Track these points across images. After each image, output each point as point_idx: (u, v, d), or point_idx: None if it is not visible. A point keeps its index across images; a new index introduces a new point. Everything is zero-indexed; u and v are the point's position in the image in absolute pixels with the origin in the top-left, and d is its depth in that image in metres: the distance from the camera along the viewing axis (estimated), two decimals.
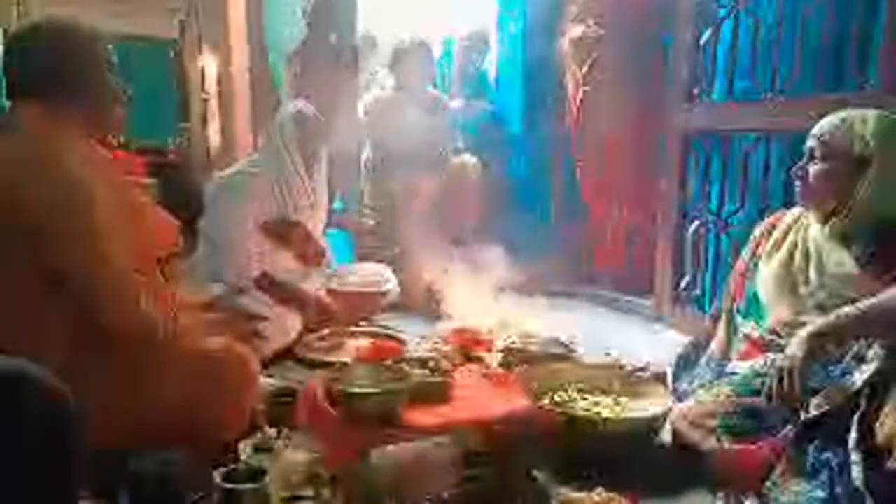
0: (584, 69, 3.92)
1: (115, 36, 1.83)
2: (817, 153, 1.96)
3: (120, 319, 1.63)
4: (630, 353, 2.82)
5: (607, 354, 2.88)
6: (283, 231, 3.05)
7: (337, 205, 4.92)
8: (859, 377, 1.67)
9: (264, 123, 4.58)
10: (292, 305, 2.89)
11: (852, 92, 2.58)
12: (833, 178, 1.92)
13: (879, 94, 2.44)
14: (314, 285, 3.07)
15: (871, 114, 1.90)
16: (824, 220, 1.97)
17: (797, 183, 2.03)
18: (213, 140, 5.78)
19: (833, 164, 1.92)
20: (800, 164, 2.02)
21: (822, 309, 1.83)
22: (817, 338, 1.69)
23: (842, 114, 1.94)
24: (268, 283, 2.85)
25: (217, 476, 1.52)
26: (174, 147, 6.57)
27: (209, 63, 5.62)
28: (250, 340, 2.06)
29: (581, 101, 3.97)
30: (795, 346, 1.69)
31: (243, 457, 1.85)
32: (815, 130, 1.97)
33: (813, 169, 1.97)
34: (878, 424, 1.57)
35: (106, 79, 1.73)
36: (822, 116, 1.99)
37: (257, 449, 1.91)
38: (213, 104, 5.58)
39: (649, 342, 3.18)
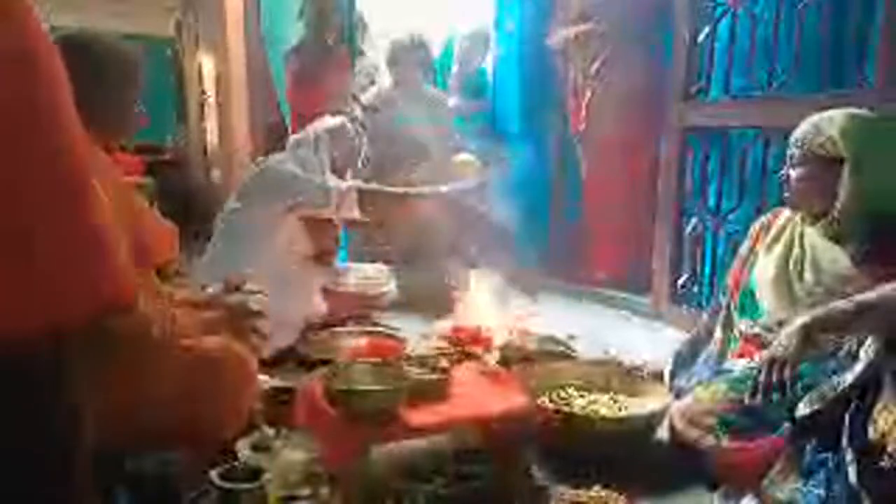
0: (593, 69, 3.91)
1: (113, 34, 1.85)
2: (795, 158, 1.97)
3: (117, 319, 1.63)
4: (629, 352, 2.82)
5: (606, 353, 2.89)
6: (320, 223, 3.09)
7: None
8: (851, 375, 1.67)
9: (260, 125, 4.59)
10: None
11: (849, 90, 2.58)
12: (813, 181, 1.93)
13: (876, 92, 2.45)
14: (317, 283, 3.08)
15: (839, 114, 1.91)
16: (814, 222, 1.98)
17: (784, 188, 2.04)
18: (211, 138, 5.80)
19: (811, 167, 1.93)
20: (783, 169, 2.03)
21: (817, 307, 1.83)
22: (809, 328, 1.68)
23: (814, 117, 1.95)
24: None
25: (214, 475, 1.52)
26: (172, 145, 6.60)
27: (206, 61, 5.63)
28: (248, 338, 2.06)
29: (588, 101, 3.96)
30: (786, 337, 1.69)
31: (241, 456, 1.85)
32: (793, 136, 1.99)
33: (793, 173, 1.98)
34: (870, 422, 1.58)
35: (130, 96, 1.79)
36: (819, 114, 1.98)
37: (255, 448, 1.91)
38: (211, 102, 5.60)
39: (648, 340, 3.18)
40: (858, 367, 1.67)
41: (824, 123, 1.90)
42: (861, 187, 1.85)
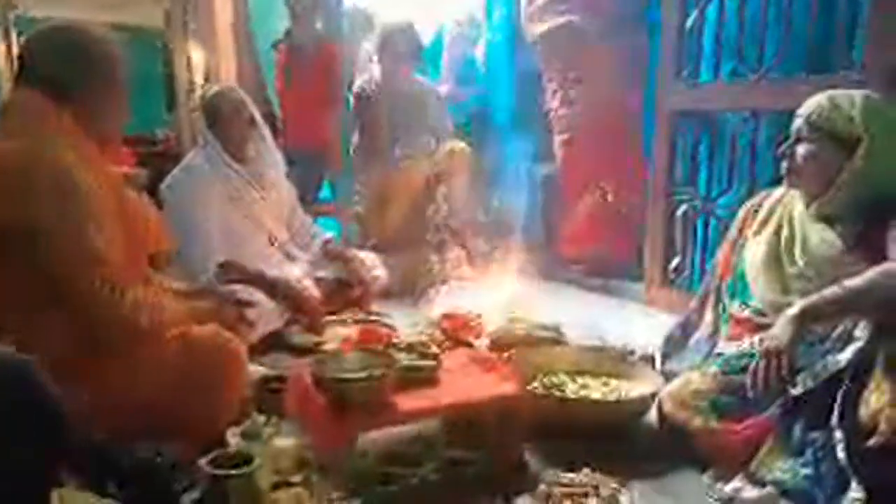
0: (567, 63, 3.91)
1: (102, 26, 1.85)
2: (804, 134, 1.94)
3: (106, 312, 1.64)
4: (621, 336, 2.82)
5: (599, 338, 2.89)
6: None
7: (325, 193, 4.92)
8: (844, 357, 1.68)
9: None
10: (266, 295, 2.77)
11: (838, 73, 2.58)
12: (820, 158, 1.91)
13: (864, 75, 2.44)
14: (301, 272, 3.04)
15: (859, 94, 1.90)
16: (810, 201, 1.97)
17: (783, 164, 2.03)
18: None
19: (820, 144, 1.91)
20: (786, 144, 2.01)
21: (808, 289, 1.83)
22: (802, 318, 1.69)
23: (829, 94, 1.93)
24: (235, 274, 2.71)
25: (204, 462, 1.52)
26: (162, 136, 6.57)
27: (196, 52, 5.60)
28: (237, 327, 2.06)
29: (564, 93, 3.97)
30: (780, 327, 1.70)
31: (231, 444, 1.85)
32: (802, 111, 1.96)
33: (800, 150, 1.95)
34: (862, 403, 1.58)
35: (121, 92, 1.80)
36: (808, 97, 1.97)
37: (245, 436, 1.91)
38: (201, 93, 5.57)
39: (640, 325, 3.17)
40: (851, 349, 1.68)
41: (844, 102, 1.88)
42: (871, 169, 1.84)
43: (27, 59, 1.74)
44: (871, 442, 1.53)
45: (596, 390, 2.21)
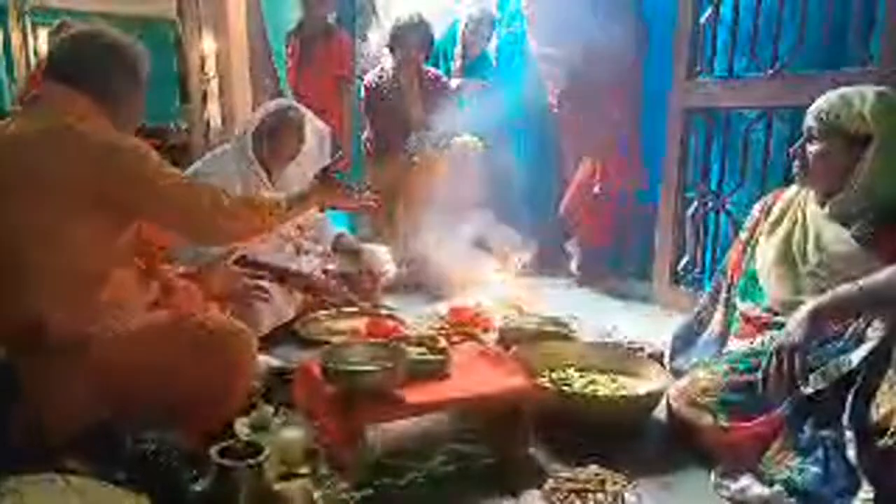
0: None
1: (116, 17, 1.90)
2: (815, 132, 1.93)
3: (196, 223, 1.89)
4: (629, 333, 2.82)
5: (607, 334, 2.89)
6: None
7: None
8: (857, 356, 1.67)
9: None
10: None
11: (853, 69, 2.55)
12: (831, 157, 1.90)
13: (881, 71, 2.42)
14: (312, 265, 3.05)
15: (870, 91, 1.88)
16: (823, 200, 1.96)
17: (795, 163, 2.01)
18: (214, 121, 5.80)
19: (831, 143, 1.90)
20: (798, 143, 2.00)
21: (820, 288, 1.82)
22: (816, 316, 1.67)
23: (840, 92, 1.92)
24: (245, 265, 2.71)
25: (213, 452, 1.52)
26: (175, 128, 6.60)
27: (209, 44, 5.62)
28: (247, 315, 2.07)
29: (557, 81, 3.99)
30: (793, 325, 1.68)
31: (240, 434, 1.85)
32: (813, 109, 1.94)
33: (811, 148, 1.94)
34: (874, 404, 1.57)
35: (141, 92, 1.94)
36: (823, 94, 1.96)
37: (254, 427, 1.92)
38: (214, 85, 5.59)
39: (649, 322, 3.17)
40: (864, 348, 1.67)
41: (855, 99, 1.86)
42: (884, 167, 1.82)
43: (58, 59, 1.85)
44: (882, 442, 1.52)
45: (604, 386, 2.20)
